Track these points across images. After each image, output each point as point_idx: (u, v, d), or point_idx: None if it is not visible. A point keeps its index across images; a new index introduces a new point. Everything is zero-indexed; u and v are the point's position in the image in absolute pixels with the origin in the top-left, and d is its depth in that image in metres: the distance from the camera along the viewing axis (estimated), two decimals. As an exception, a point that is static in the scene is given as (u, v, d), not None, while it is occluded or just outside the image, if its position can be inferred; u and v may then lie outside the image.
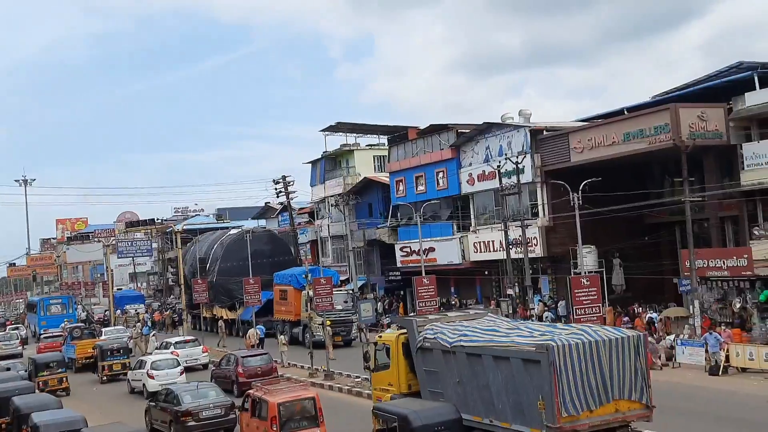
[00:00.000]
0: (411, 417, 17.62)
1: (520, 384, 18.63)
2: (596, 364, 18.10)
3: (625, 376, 18.45)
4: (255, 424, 22.43)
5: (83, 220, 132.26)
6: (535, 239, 44.18)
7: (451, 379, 20.96)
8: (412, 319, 24.18)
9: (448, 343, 21.06)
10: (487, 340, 20.30)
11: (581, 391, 17.87)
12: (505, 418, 19.12)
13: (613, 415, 18.29)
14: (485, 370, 19.75)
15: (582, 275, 32.42)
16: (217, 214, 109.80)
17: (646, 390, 18.74)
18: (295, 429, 21.41)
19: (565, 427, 17.65)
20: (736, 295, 35.83)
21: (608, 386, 18.22)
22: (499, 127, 47.73)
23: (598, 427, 18.09)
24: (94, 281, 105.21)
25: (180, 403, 25.68)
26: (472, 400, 20.16)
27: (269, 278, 54.71)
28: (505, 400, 19.12)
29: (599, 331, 19.24)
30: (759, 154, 35.88)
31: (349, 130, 67.64)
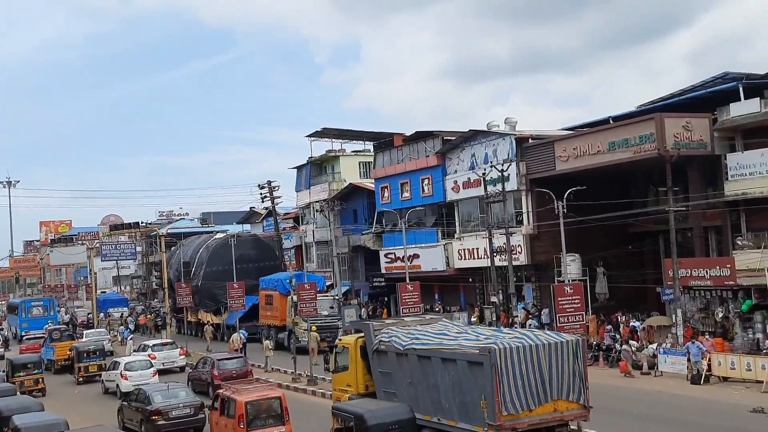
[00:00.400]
0: (366, 416, 18.51)
1: (465, 384, 19.63)
2: (536, 366, 19.11)
3: (564, 377, 19.46)
4: (224, 422, 23.15)
5: (67, 222, 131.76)
6: (520, 247, 44.24)
7: (404, 380, 21.91)
8: (369, 323, 24.97)
9: (401, 346, 22.06)
10: (436, 343, 21.41)
11: (521, 392, 18.88)
12: (451, 417, 20.09)
13: (551, 414, 19.30)
14: (434, 372, 20.75)
15: (566, 283, 32.46)
16: (202, 218, 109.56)
17: (584, 391, 19.75)
18: (261, 427, 22.21)
19: (506, 425, 18.64)
20: (719, 304, 35.98)
21: (547, 387, 19.23)
22: (485, 135, 47.80)
23: (537, 425, 19.09)
24: (77, 284, 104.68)
25: (150, 403, 26.48)
26: (422, 399, 21.07)
27: (255, 283, 54.62)
28: (451, 400, 20.12)
29: (540, 335, 20.41)
30: (743, 164, 36.09)
31: (335, 136, 67.56)
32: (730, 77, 39.69)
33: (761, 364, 29.16)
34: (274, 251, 64.28)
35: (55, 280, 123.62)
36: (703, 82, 42.10)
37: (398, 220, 50.23)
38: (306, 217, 69.84)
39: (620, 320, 39.50)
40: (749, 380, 29.38)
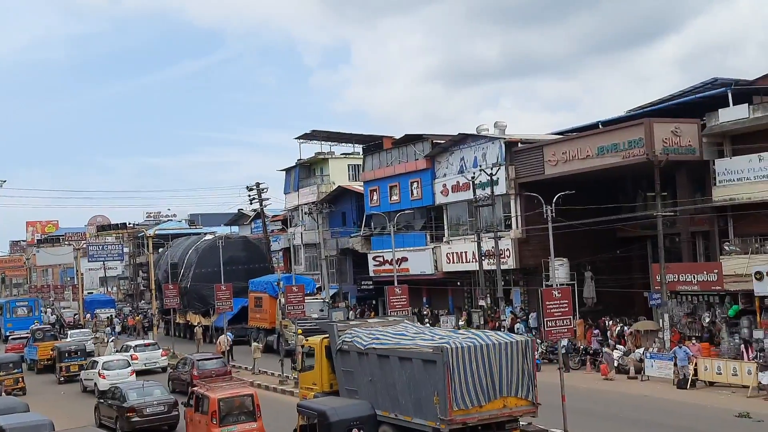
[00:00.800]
0: (329, 413, 19.26)
1: (420, 382, 20.61)
2: (486, 364, 20.10)
3: (513, 376, 20.44)
4: (198, 418, 23.90)
5: (54, 222, 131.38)
6: (508, 251, 44.27)
7: (365, 378, 22.82)
8: (334, 323, 25.84)
9: (362, 346, 22.93)
10: (394, 343, 22.44)
11: (472, 388, 19.88)
12: (407, 413, 21.03)
13: (500, 410, 20.29)
14: (392, 370, 21.68)
15: (554, 287, 32.43)
16: (190, 219, 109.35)
17: (533, 389, 20.73)
18: (233, 423, 22.98)
19: (456, 420, 19.66)
20: (706, 309, 36.04)
21: (497, 384, 20.21)
22: (474, 139, 47.85)
23: (486, 420, 20.13)
24: (63, 284, 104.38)
25: (126, 400, 27.43)
26: (381, 396, 21.96)
27: (244, 285, 54.50)
28: (408, 397, 21.05)
29: (491, 336, 21.39)
30: (731, 170, 36.19)
31: (324, 138, 67.57)
32: (719, 83, 39.85)
33: (747, 369, 29.25)
34: (263, 253, 64.18)
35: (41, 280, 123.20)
36: (692, 88, 42.26)
37: (387, 223, 50.21)
38: (294, 219, 69.79)
39: (608, 325, 39.54)
40: (735, 385, 29.45)
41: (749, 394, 28.34)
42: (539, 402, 20.88)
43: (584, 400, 27.81)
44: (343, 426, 19.02)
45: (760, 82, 40.25)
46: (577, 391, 28.63)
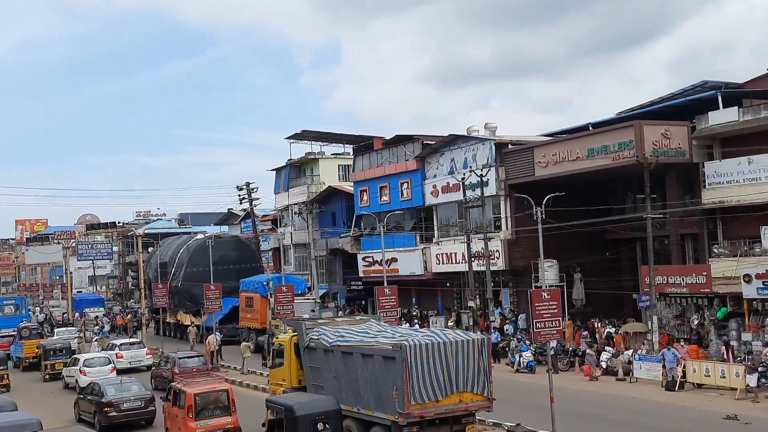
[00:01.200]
0: (295, 408, 20.21)
1: (380, 377, 21.46)
2: (443, 361, 20.91)
3: (469, 372, 21.24)
4: (175, 412, 24.65)
5: (43, 221, 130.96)
6: (498, 252, 44.27)
7: (330, 374, 23.74)
8: (302, 321, 26.99)
9: (328, 343, 23.87)
10: (358, 340, 23.38)
11: (429, 384, 20.69)
12: (369, 407, 21.85)
13: (456, 405, 21.12)
14: (355, 366, 22.57)
15: (543, 289, 32.48)
16: (180, 218, 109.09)
17: (488, 385, 21.52)
18: (209, 417, 23.75)
19: (414, 413, 20.48)
20: (695, 311, 36.15)
21: (453, 380, 21.01)
22: (465, 140, 47.85)
23: (443, 414, 20.95)
24: (52, 283, 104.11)
25: (104, 396, 28.32)
26: (345, 391, 22.78)
27: (236, 285, 54.33)
28: (369, 391, 21.88)
29: (449, 333, 22.27)
30: (720, 173, 36.29)
31: (315, 138, 67.48)
32: (709, 86, 40.01)
33: (735, 371, 29.28)
34: (255, 253, 63.95)
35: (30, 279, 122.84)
36: (682, 90, 42.42)
37: (377, 223, 50.18)
38: (284, 219, 69.68)
39: (597, 326, 39.59)
40: (723, 387, 29.50)
41: (737, 397, 28.39)
42: (494, 398, 21.72)
43: (573, 402, 27.82)
44: (308, 420, 19.87)
45: (750, 85, 40.42)
46: (565, 392, 28.62)
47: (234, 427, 23.85)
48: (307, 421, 19.90)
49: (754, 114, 35.47)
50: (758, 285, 32.07)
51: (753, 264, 33.15)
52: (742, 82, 41.13)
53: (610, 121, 42.43)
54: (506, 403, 24.26)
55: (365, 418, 22.05)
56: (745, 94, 39.14)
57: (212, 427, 23.62)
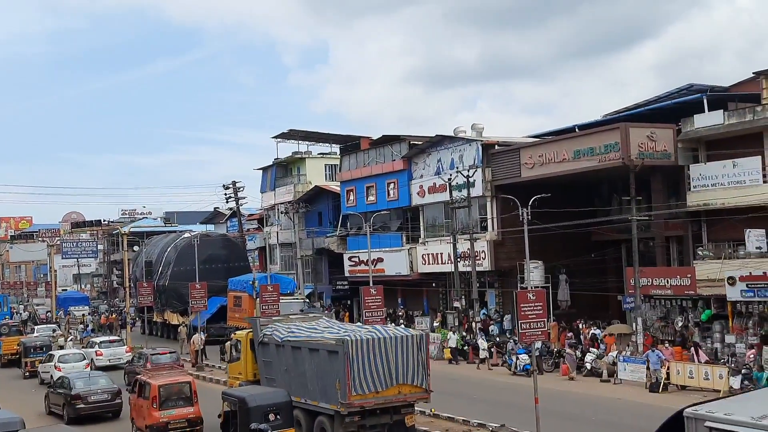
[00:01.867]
0: (248, 399, 21.41)
1: (325, 370, 22.89)
2: (384, 355, 22.30)
3: (408, 365, 22.64)
4: (140, 403, 25.92)
5: (28, 218, 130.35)
6: (483, 253, 44.38)
7: (281, 367, 25.27)
8: (257, 319, 29.24)
9: (279, 339, 25.45)
10: (306, 336, 24.93)
11: (369, 376, 22.06)
12: (314, 398, 23.31)
13: (396, 396, 22.56)
14: (303, 360, 24.10)
15: (528, 290, 32.60)
16: (165, 217, 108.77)
17: (426, 377, 22.96)
18: (172, 407, 25.10)
19: (355, 404, 21.88)
20: (679, 313, 36.30)
21: (393, 373, 22.40)
22: (452, 141, 47.94)
23: (383, 405, 22.37)
24: (37, 281, 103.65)
25: (72, 388, 29.58)
26: (294, 384, 24.10)
27: (224, 284, 54.06)
28: (315, 383, 23.32)
29: (390, 330, 24.11)
30: (705, 175, 36.47)
31: (302, 138, 67.47)
32: (695, 89, 40.18)
33: (719, 373, 29.44)
34: (244, 252, 63.69)
35: (14, 276, 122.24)
36: (668, 94, 42.61)
37: (363, 223, 50.21)
38: (270, 218, 69.62)
39: (581, 328, 39.72)
40: (707, 389, 29.57)
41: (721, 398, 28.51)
42: (432, 389, 23.22)
43: (557, 403, 27.92)
44: (260, 411, 20.96)
45: (735, 89, 40.61)
46: (550, 393, 28.73)
47: (195, 416, 25.23)
48: (259, 412, 20.98)
49: (739, 117, 35.66)
50: (742, 287, 32.24)
51: (737, 266, 33.35)
52: (727, 86, 41.32)
53: (597, 124, 42.59)
54: (498, 405, 24.34)
55: (311, 409, 23.42)
56: (730, 97, 39.33)
57: (175, 417, 24.94)
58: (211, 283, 52.35)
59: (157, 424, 24.70)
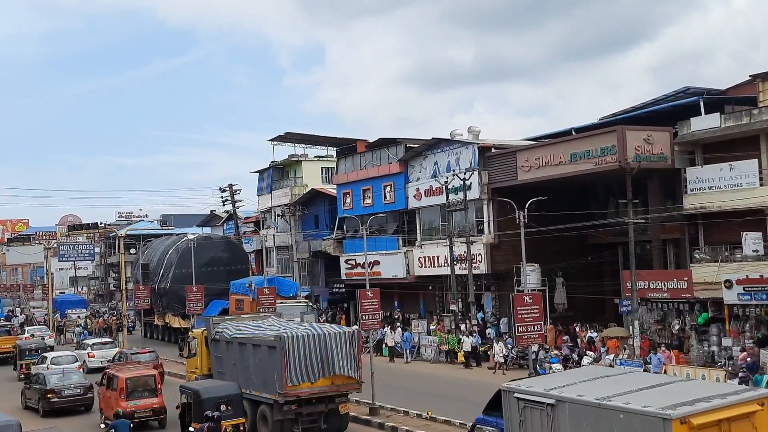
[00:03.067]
0: (202, 392, 24.02)
1: (266, 364, 25.27)
2: (318, 350, 24.82)
3: (341, 359, 25.12)
4: (109, 394, 28.67)
5: (24, 221, 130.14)
6: (480, 256, 44.32)
7: (230, 362, 27.65)
8: (210, 318, 32.05)
9: (228, 336, 27.93)
10: (251, 333, 27.41)
11: (305, 368, 24.53)
12: (258, 389, 25.65)
13: (329, 386, 25.04)
14: (248, 355, 26.52)
15: (525, 293, 32.54)
16: (162, 220, 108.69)
17: (357, 370, 25.50)
18: (138, 398, 27.89)
19: (291, 393, 24.29)
20: (676, 316, 36.25)
21: (326, 366, 24.87)
22: (448, 143, 47.88)
23: (317, 394, 24.85)
24: (33, 284, 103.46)
25: (46, 384, 31.75)
26: (241, 377, 26.46)
27: (226, 287, 53.73)
28: (258, 376, 25.70)
29: (325, 327, 26.76)
30: (702, 178, 36.45)
31: (298, 141, 67.37)
32: (691, 92, 40.19)
33: (716, 376, 29.40)
34: (246, 254, 63.44)
35: (11, 279, 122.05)
36: (665, 96, 42.61)
37: (359, 226, 50.12)
38: (267, 221, 69.52)
39: (578, 331, 39.64)
40: (704, 392, 29.56)
41: (717, 402, 28.46)
42: (363, 381, 25.94)
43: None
44: (213, 402, 23.20)
45: (732, 91, 40.61)
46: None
47: (160, 406, 28.06)
48: (211, 403, 23.24)
49: (736, 120, 35.64)
50: (739, 291, 32.17)
51: (734, 270, 33.29)
52: (724, 89, 41.34)
53: (593, 126, 42.57)
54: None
55: (255, 399, 25.71)
56: (727, 100, 39.33)
57: (141, 407, 27.72)
58: (213, 286, 52.24)
59: (125, 413, 26.37)
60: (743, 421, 13.47)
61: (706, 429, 13.17)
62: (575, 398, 14.36)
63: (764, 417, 13.58)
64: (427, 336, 44.51)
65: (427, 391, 33.21)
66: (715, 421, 13.27)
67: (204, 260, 55.41)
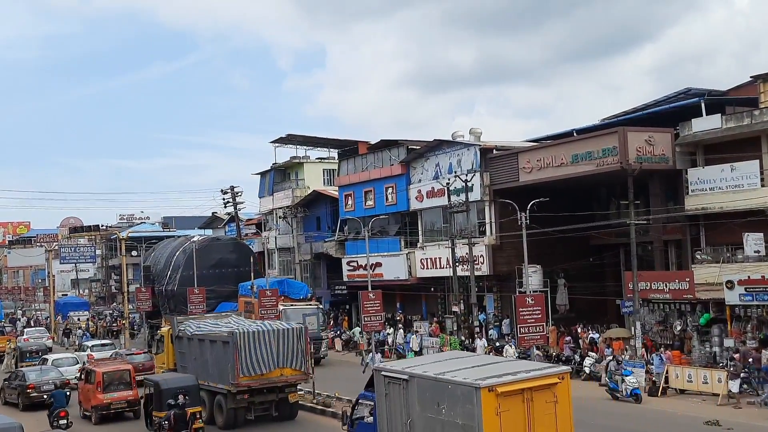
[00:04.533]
0: (161, 383, 26.71)
1: (221, 357, 27.94)
2: (268, 344, 27.56)
3: (289, 353, 27.91)
4: (87, 388, 31.14)
5: (26, 224, 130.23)
6: (482, 257, 44.38)
7: (191, 357, 30.21)
8: (174, 317, 35.31)
9: (190, 333, 30.52)
10: (209, 330, 29.96)
11: (255, 362, 27.22)
12: (213, 380, 28.26)
13: (278, 378, 27.79)
14: (206, 350, 29.13)
15: (527, 294, 32.62)
16: (164, 222, 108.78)
17: (304, 363, 28.27)
18: (114, 390, 30.29)
19: (242, 384, 27.05)
20: (677, 317, 36.30)
21: (275, 359, 27.61)
22: (450, 145, 47.94)
23: (267, 385, 27.61)
24: (35, 286, 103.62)
25: (26, 380, 34.19)
26: (200, 370, 28.96)
27: (234, 289, 53.38)
28: (214, 368, 28.30)
29: (275, 324, 29.80)
30: (703, 179, 36.52)
31: (300, 143, 67.41)
32: (693, 93, 40.27)
33: (718, 377, 29.42)
34: (255, 256, 63.07)
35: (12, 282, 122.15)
36: (666, 97, 42.68)
37: (361, 228, 50.16)
38: (269, 223, 69.55)
39: (579, 332, 39.69)
40: (706, 393, 29.62)
41: (719, 402, 28.51)
42: (309, 372, 28.80)
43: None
44: (171, 392, 25.36)
45: (733, 92, 40.70)
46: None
47: (134, 398, 30.35)
48: (170, 393, 25.43)
49: (737, 121, 35.71)
50: (740, 291, 32.22)
51: (735, 270, 33.36)
52: (725, 90, 41.40)
53: (595, 128, 42.64)
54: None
55: (212, 389, 28.28)
56: (728, 101, 39.43)
57: (116, 399, 30.12)
58: (221, 288, 51.88)
59: (101, 405, 29.99)
60: (545, 390, 17.06)
61: (511, 396, 16.60)
62: (420, 374, 18.21)
63: (562, 387, 17.27)
64: (429, 338, 44.53)
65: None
66: (518, 390, 16.72)
67: (212, 262, 54.93)
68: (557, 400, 17.16)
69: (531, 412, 16.80)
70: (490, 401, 16.31)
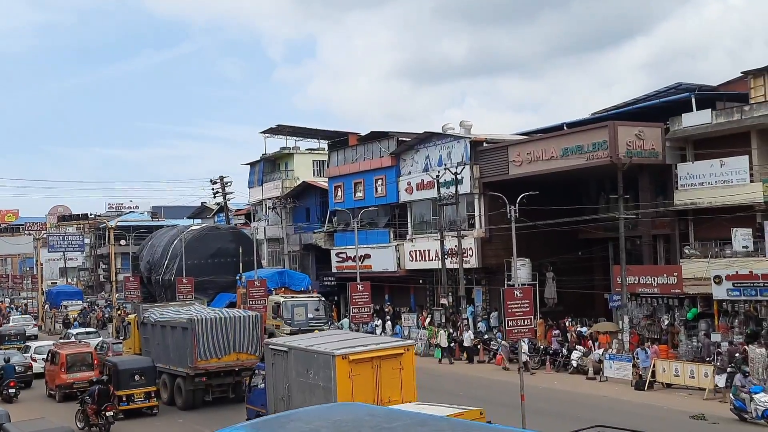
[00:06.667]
0: (119, 364, 28.92)
1: (181, 342, 29.82)
2: (224, 330, 29.48)
3: (245, 339, 29.84)
4: (52, 368, 33.53)
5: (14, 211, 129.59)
6: (471, 250, 44.38)
7: (155, 342, 32.36)
8: (140, 305, 38.85)
9: (153, 319, 32.85)
10: (171, 317, 32.07)
11: (212, 346, 29.16)
12: (175, 364, 30.18)
13: (234, 362, 29.68)
14: (168, 335, 31.13)
15: (515, 287, 32.53)
16: (152, 211, 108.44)
17: (259, 348, 29.30)
18: (77, 371, 32.45)
19: (200, 367, 29.04)
20: (665, 312, 36.38)
21: (232, 344, 29.55)
22: (440, 137, 47.89)
23: (223, 368, 29.53)
24: (22, 274, 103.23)
25: None
26: (162, 354, 31.14)
27: (233, 279, 53.05)
28: (176, 353, 30.21)
29: (231, 311, 31.89)
30: (693, 174, 36.55)
31: (290, 133, 67.25)
32: (683, 88, 40.26)
33: (704, 371, 29.51)
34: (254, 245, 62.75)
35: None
36: (657, 92, 42.68)
37: (351, 219, 50.11)
38: (258, 213, 69.41)
39: (568, 325, 39.72)
40: (692, 387, 29.72)
41: (705, 397, 28.62)
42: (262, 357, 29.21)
43: (541, 400, 27.92)
44: (128, 373, 28.30)
45: (724, 88, 40.74)
46: (536, 390, 28.74)
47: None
48: (126, 373, 28.24)
49: (727, 117, 35.74)
50: (728, 286, 32.35)
51: (723, 265, 33.41)
52: (716, 85, 41.42)
53: (585, 122, 42.62)
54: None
55: (173, 372, 30.23)
56: (718, 96, 39.43)
57: (79, 379, 31.91)
58: (220, 279, 51.48)
59: (65, 384, 32.33)
60: (391, 359, 20.44)
61: (361, 362, 19.92)
62: (295, 346, 21.83)
63: (407, 357, 20.75)
64: (417, 330, 44.54)
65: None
66: (367, 358, 20.06)
67: (211, 251, 54.32)
68: (403, 367, 20.57)
69: (379, 376, 20.21)
70: (344, 367, 19.70)
